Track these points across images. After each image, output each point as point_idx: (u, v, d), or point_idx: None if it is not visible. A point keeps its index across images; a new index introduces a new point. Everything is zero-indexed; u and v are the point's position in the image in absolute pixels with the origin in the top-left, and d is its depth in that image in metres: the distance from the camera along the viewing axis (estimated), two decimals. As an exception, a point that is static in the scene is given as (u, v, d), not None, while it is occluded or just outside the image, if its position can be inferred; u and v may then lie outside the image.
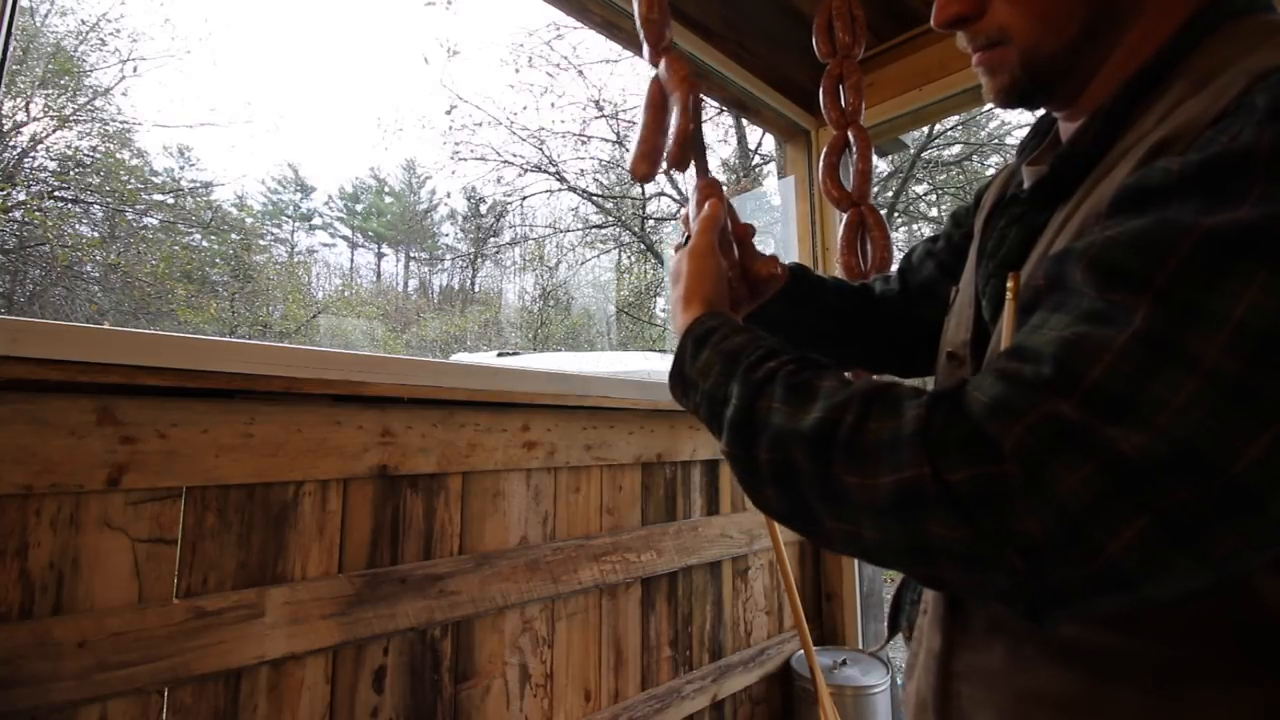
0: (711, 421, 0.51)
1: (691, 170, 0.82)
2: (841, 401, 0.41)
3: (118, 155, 10.47)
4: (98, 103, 10.28)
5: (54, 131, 9.55)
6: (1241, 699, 0.38)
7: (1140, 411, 0.31)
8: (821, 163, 1.68)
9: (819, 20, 1.63)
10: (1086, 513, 0.31)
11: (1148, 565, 0.32)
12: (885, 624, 0.67)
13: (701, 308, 0.60)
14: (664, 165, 1.03)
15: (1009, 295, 0.48)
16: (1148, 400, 0.31)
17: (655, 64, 1.06)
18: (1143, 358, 0.32)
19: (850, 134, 1.65)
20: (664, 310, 11.64)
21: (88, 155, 9.96)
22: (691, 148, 0.79)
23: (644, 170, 1.02)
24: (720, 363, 0.52)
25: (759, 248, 0.80)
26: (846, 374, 0.53)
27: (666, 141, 1.00)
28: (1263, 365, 0.30)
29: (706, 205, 0.70)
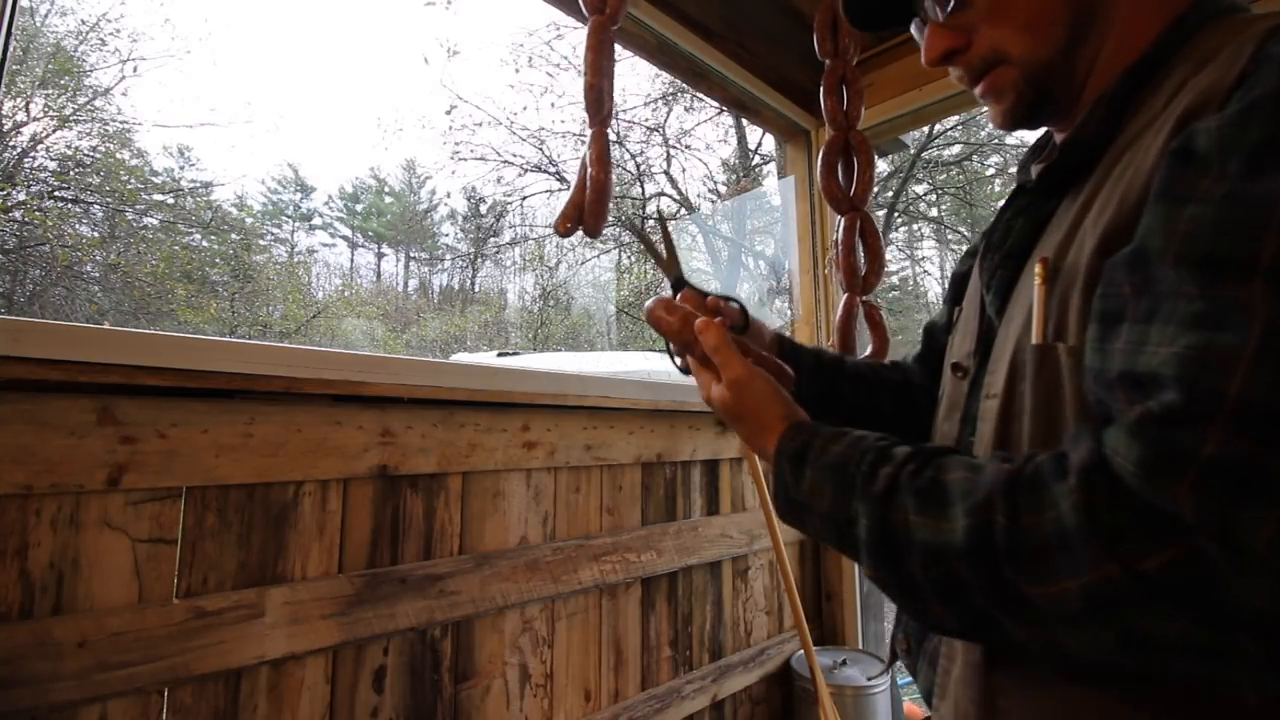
0: (842, 544, 0.48)
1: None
2: (983, 501, 0.37)
3: (118, 155, 10.47)
4: (98, 103, 10.28)
5: (54, 131, 9.55)
6: None
7: None
8: (821, 161, 1.68)
9: (820, 18, 1.63)
10: None
11: None
12: (889, 646, 0.66)
13: (780, 423, 0.56)
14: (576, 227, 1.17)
15: (1038, 280, 0.46)
16: None
17: (594, 129, 1.21)
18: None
19: (850, 139, 1.66)
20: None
21: (88, 155, 9.96)
22: (664, 243, 0.74)
23: (566, 229, 1.18)
24: (830, 481, 0.48)
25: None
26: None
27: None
28: None
29: (709, 334, 0.62)
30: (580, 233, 1.19)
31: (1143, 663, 0.34)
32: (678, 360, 0.72)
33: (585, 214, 1.16)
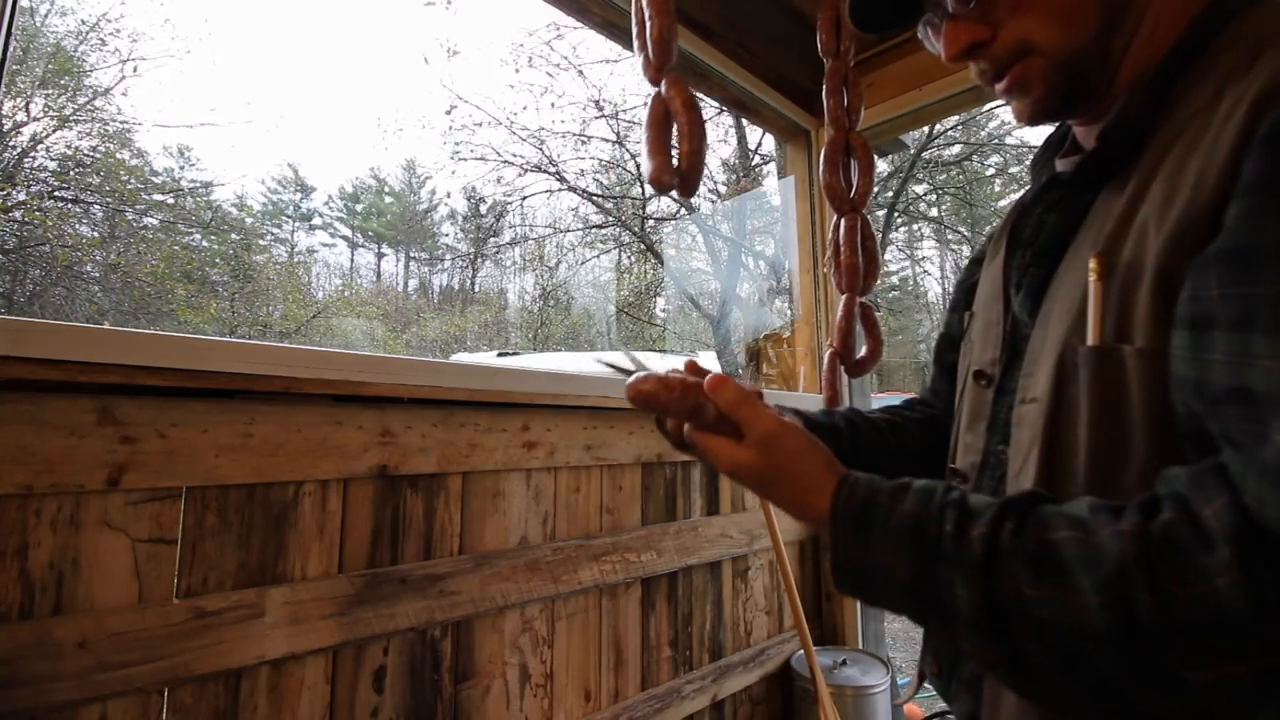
0: (926, 617, 0.42)
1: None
2: (1115, 575, 0.33)
3: (118, 155, 10.48)
4: (98, 103, 10.28)
5: (54, 131, 9.55)
6: None
7: None
8: (824, 159, 1.68)
9: (824, 16, 1.63)
10: None
11: None
12: (918, 670, 0.61)
13: (828, 479, 0.48)
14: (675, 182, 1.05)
15: (1093, 276, 0.43)
16: None
17: (656, 83, 1.08)
18: None
19: (850, 140, 1.66)
20: (664, 311, 11.65)
21: (88, 155, 9.96)
22: None
23: (669, 180, 1.05)
24: (909, 546, 0.42)
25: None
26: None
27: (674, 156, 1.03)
28: None
29: (726, 390, 0.54)
30: (675, 191, 1.07)
31: None
32: (674, 435, 0.64)
33: (684, 165, 1.04)
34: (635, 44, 1.12)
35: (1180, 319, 0.38)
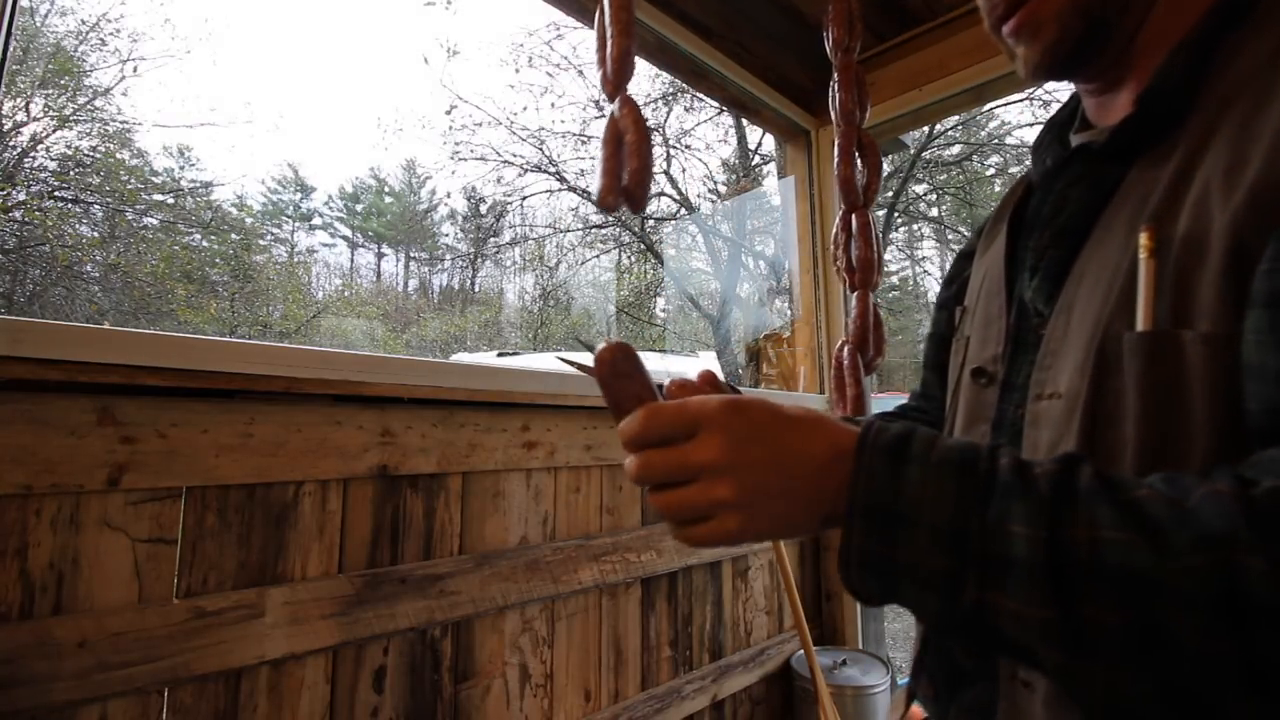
0: (964, 575, 0.32)
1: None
2: (1220, 533, 0.28)
3: (118, 155, 10.48)
4: (98, 103, 10.28)
5: (54, 131, 9.55)
6: None
7: None
8: (839, 151, 1.66)
9: (837, 8, 1.62)
10: None
11: None
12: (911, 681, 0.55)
13: (843, 429, 0.38)
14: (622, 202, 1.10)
15: (1144, 253, 0.38)
16: None
17: (613, 99, 1.14)
18: None
19: (861, 138, 1.66)
20: (664, 311, 11.64)
21: (88, 155, 9.96)
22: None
23: (613, 201, 1.10)
24: (955, 478, 0.33)
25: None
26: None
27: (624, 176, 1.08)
28: None
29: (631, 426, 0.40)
30: (625, 208, 1.09)
31: None
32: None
33: (630, 184, 1.07)
34: (597, 58, 1.15)
35: (1260, 296, 0.33)
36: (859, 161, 1.65)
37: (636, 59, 1.15)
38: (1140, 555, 0.28)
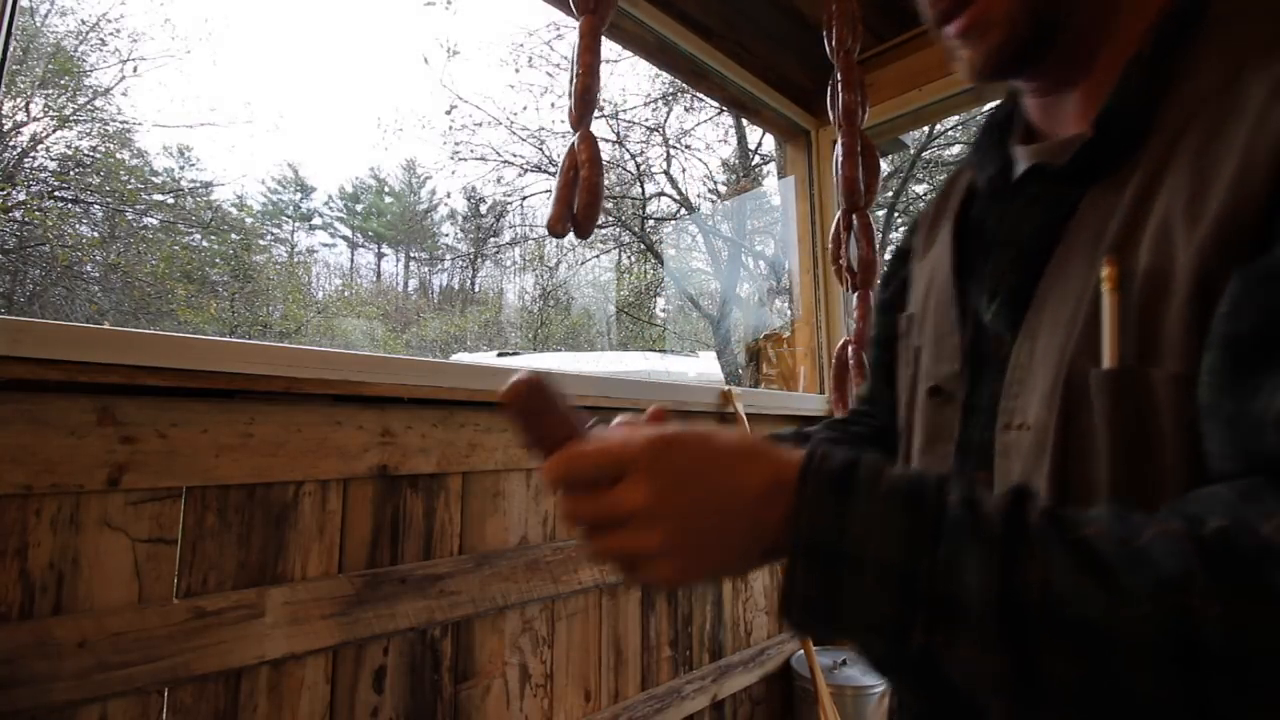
0: (912, 619, 0.30)
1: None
2: (1174, 578, 0.27)
3: (118, 155, 10.47)
4: (98, 103, 10.28)
5: (54, 131, 9.55)
6: None
7: None
8: (843, 151, 1.68)
9: (840, 8, 1.63)
10: None
11: None
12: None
13: (782, 458, 0.35)
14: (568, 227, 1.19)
15: (1107, 286, 0.37)
16: None
17: (575, 129, 1.23)
18: None
19: (861, 139, 1.67)
20: (664, 311, 11.64)
21: (88, 155, 9.96)
22: None
23: (561, 229, 1.20)
24: (902, 515, 0.31)
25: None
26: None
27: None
28: None
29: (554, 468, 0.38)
30: (572, 234, 1.20)
31: None
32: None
33: (578, 214, 1.17)
34: (567, 89, 1.25)
35: (1215, 338, 0.32)
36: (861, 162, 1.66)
37: (636, 59, 1.18)
38: (1094, 602, 0.27)
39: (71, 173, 9.62)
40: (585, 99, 1.20)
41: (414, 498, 0.98)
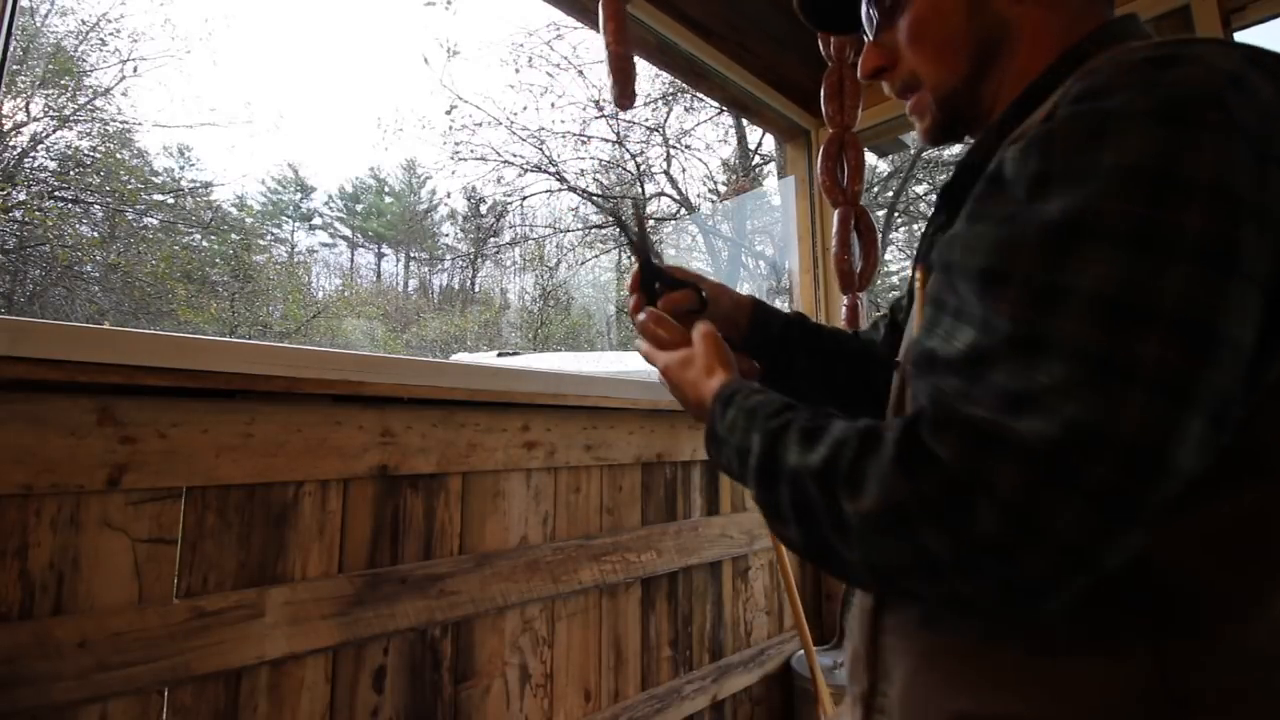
0: (741, 474, 0.54)
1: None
2: (842, 438, 0.43)
3: (118, 155, 10.48)
4: (98, 103, 10.28)
5: (54, 131, 9.55)
6: (1126, 661, 0.39)
7: (1036, 402, 0.34)
8: (821, 158, 1.70)
9: None
10: (1026, 504, 0.33)
11: (1097, 540, 0.33)
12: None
13: (725, 373, 0.63)
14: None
15: (918, 285, 0.52)
16: (1038, 391, 0.34)
17: (624, 108, 1.38)
18: (1024, 353, 0.36)
19: (844, 137, 1.68)
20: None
21: (88, 155, 9.96)
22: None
23: (629, 104, 1.36)
24: (744, 418, 0.54)
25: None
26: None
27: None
28: (1119, 330, 0.33)
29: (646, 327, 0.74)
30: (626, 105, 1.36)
31: (935, 586, 0.39)
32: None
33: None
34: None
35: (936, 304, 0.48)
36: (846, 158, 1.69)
37: (636, 59, 1.18)
38: (798, 458, 0.45)
39: (71, 173, 9.62)
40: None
41: (414, 498, 0.98)
